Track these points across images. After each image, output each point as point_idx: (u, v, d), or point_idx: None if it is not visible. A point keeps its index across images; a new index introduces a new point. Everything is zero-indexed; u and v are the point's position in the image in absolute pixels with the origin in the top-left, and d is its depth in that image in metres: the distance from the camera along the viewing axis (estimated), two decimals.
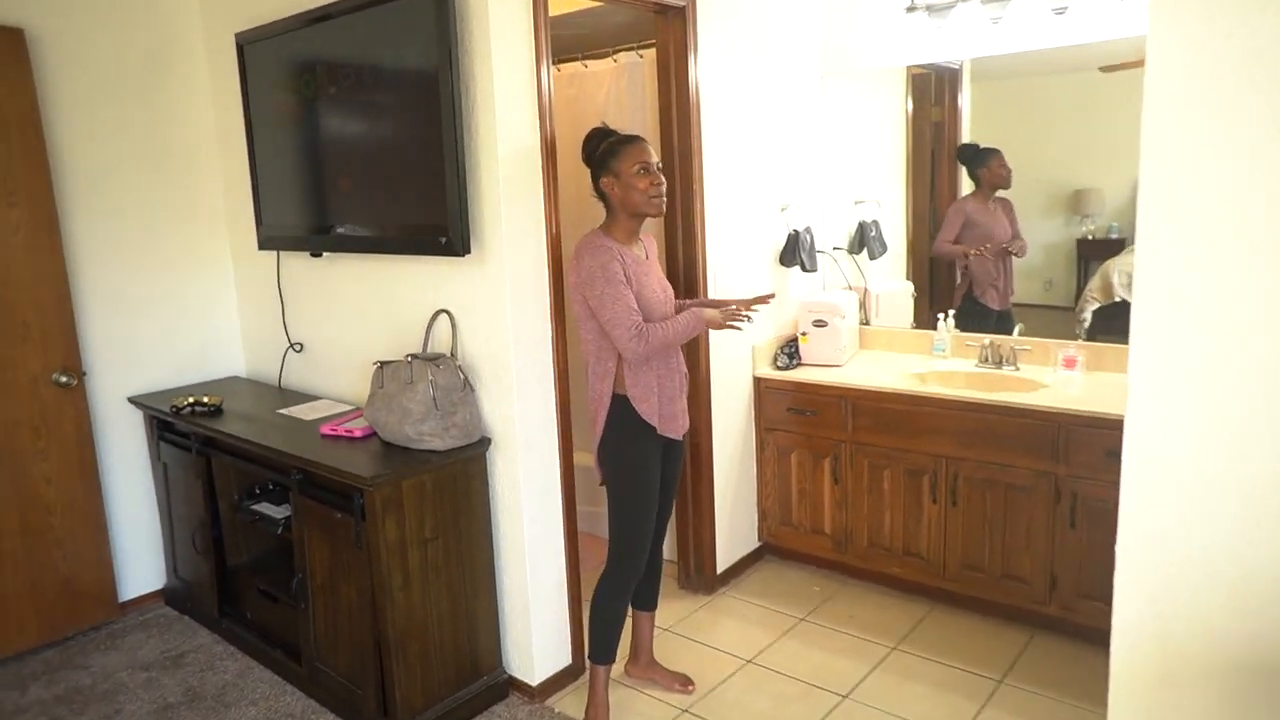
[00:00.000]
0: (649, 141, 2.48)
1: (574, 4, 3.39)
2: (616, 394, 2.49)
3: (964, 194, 3.67)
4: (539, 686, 2.78)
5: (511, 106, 2.49)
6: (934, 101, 3.78)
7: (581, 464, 3.03)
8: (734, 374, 3.46)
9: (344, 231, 2.88)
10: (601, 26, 3.67)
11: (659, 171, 2.45)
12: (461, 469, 2.61)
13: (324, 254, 3.12)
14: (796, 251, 3.61)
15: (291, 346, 3.41)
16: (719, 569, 3.48)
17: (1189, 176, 1.58)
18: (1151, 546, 1.67)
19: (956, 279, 3.75)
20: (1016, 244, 3.53)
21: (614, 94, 3.66)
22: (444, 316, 2.73)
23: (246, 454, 2.87)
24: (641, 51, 3.55)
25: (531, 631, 2.74)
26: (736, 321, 2.54)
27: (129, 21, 3.28)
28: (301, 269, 3.28)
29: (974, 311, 3.63)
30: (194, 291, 3.56)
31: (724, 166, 3.30)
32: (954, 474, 3.09)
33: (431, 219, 2.54)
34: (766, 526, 3.65)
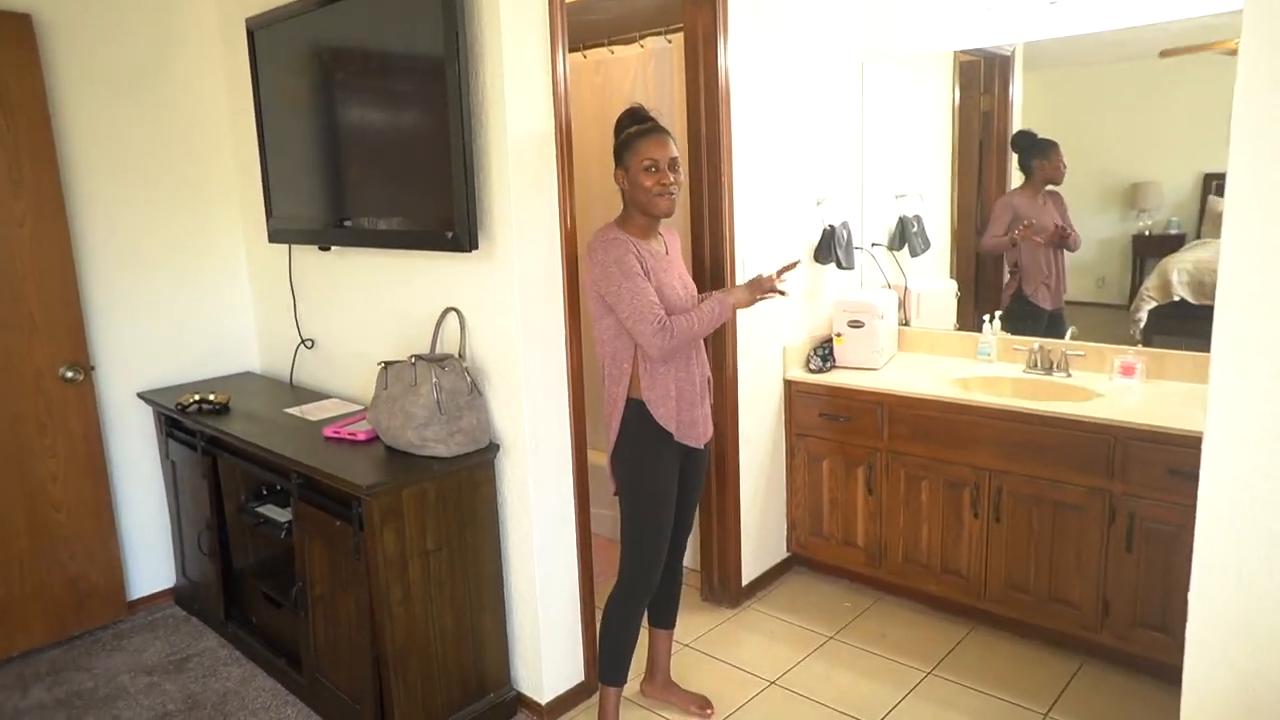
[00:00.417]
0: (670, 134, 2.31)
1: None
2: (632, 398, 2.34)
3: (1011, 188, 3.45)
4: (549, 705, 2.63)
5: (523, 94, 2.34)
6: (983, 90, 3.56)
7: (594, 463, 2.88)
8: (763, 376, 3.28)
9: (350, 225, 2.75)
10: (629, 11, 3.50)
11: (671, 169, 2.28)
12: (467, 476, 2.47)
13: (332, 248, 3.00)
14: (832, 248, 3.41)
15: (303, 343, 3.30)
16: (744, 581, 3.31)
17: None
18: (1230, 592, 1.46)
19: (1005, 276, 3.52)
20: (1071, 236, 3.30)
21: (641, 81, 3.49)
22: (453, 315, 2.59)
23: (249, 455, 2.77)
24: (670, 36, 3.37)
25: (541, 647, 2.60)
26: (769, 296, 2.43)
27: (141, 6, 3.19)
28: (312, 263, 3.17)
29: (1023, 312, 3.41)
30: (207, 284, 3.48)
31: (755, 157, 3.12)
32: (997, 488, 2.87)
33: (437, 213, 2.40)
34: (796, 537, 3.47)
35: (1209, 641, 1.49)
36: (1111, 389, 2.92)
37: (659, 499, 2.37)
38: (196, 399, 3.01)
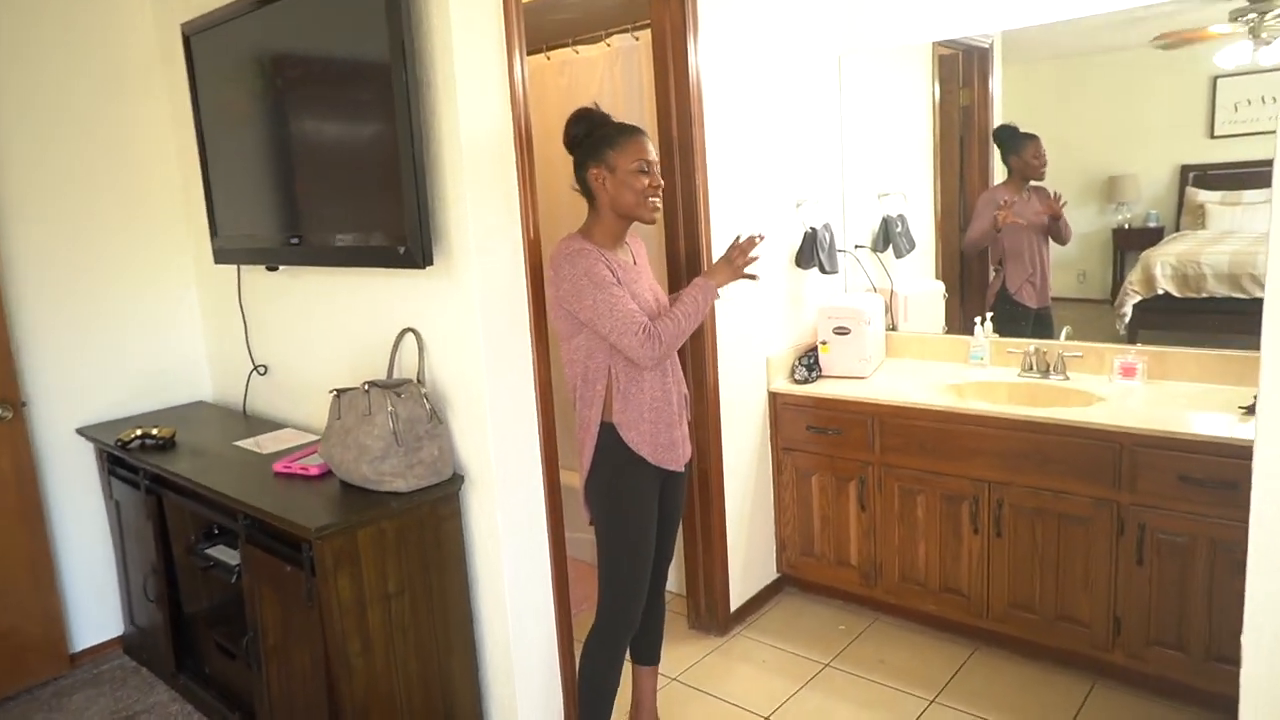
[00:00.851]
0: (649, 136, 2.15)
1: None
2: (605, 422, 2.16)
3: (994, 184, 3.33)
4: None
5: (478, 100, 2.15)
6: (962, 84, 3.43)
7: (568, 484, 2.70)
8: (746, 388, 3.11)
9: (296, 243, 2.55)
10: (594, 8, 3.32)
11: (658, 173, 2.12)
12: (430, 512, 2.27)
13: (281, 268, 2.80)
14: (814, 251, 3.24)
15: (256, 369, 3.09)
16: (733, 606, 3.13)
17: None
18: None
19: (990, 275, 3.38)
20: (1063, 223, 3.16)
21: (609, 81, 3.32)
22: (410, 337, 2.40)
23: (194, 494, 2.55)
24: (637, 34, 3.20)
25: (516, 693, 2.40)
26: (749, 268, 2.26)
27: (72, 13, 2.97)
28: (263, 284, 2.96)
29: (1009, 312, 3.27)
30: (152, 309, 3.25)
31: (730, 159, 2.95)
32: (998, 501, 2.71)
33: (388, 227, 2.21)
34: (786, 557, 3.29)
35: (1267, 643, 1.34)
36: (1113, 391, 2.77)
37: (639, 529, 2.19)
38: (139, 434, 2.79)
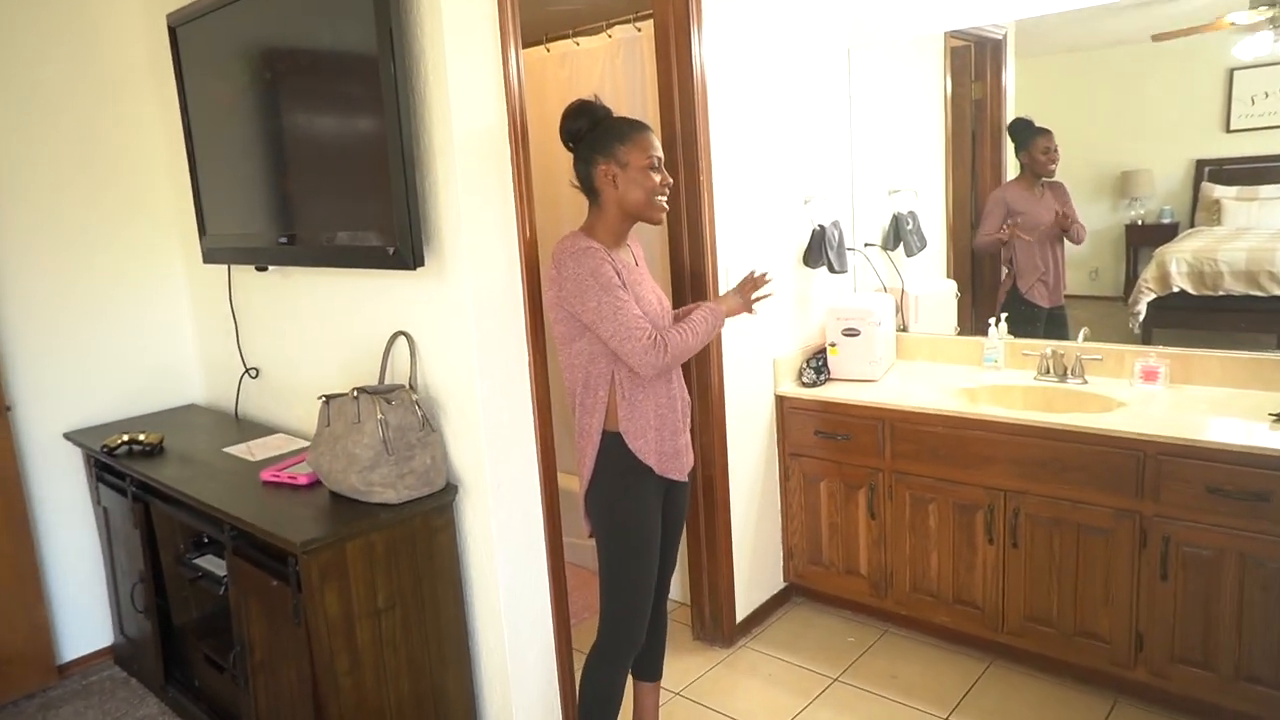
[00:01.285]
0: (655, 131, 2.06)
1: None
2: (608, 430, 2.06)
3: (1006, 180, 3.23)
4: None
5: (471, 94, 2.06)
6: (975, 77, 3.32)
7: (567, 489, 2.61)
8: (753, 392, 3.01)
9: (285, 242, 2.46)
10: None
11: (666, 170, 2.05)
12: (422, 524, 2.18)
13: (270, 268, 2.71)
14: (822, 250, 3.14)
15: (247, 372, 3.00)
16: (739, 617, 3.03)
17: None
18: None
19: (1001, 274, 3.27)
20: (1074, 227, 3.06)
21: (610, 74, 3.22)
22: (403, 340, 2.31)
23: (181, 503, 2.47)
24: (639, 24, 3.10)
25: (514, 710, 2.31)
26: (759, 296, 2.25)
27: (60, 11, 2.88)
28: (253, 285, 2.88)
29: (1020, 312, 3.16)
30: (143, 311, 3.17)
31: (735, 154, 2.84)
32: (1014, 510, 2.61)
33: (378, 226, 2.11)
34: (793, 566, 3.19)
35: None
36: (1134, 396, 2.66)
37: (642, 542, 2.09)
38: (125, 439, 2.71)
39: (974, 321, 3.31)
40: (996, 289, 3.32)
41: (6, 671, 2.80)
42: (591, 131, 2.04)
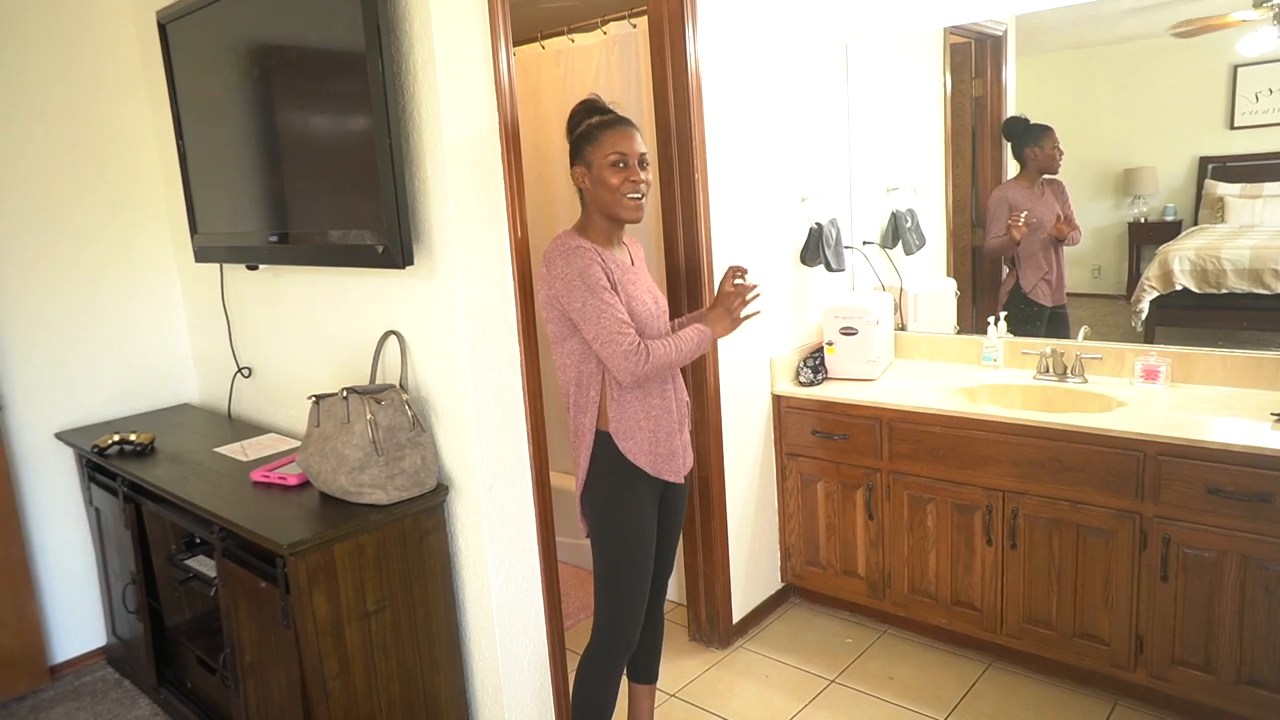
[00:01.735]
0: (637, 128, 2.01)
1: None
2: (600, 430, 2.04)
3: (1007, 178, 3.19)
4: None
5: (461, 90, 2.03)
6: (975, 74, 3.29)
7: (561, 488, 2.59)
8: (749, 391, 2.98)
9: (275, 240, 2.43)
10: None
11: (641, 166, 1.99)
12: (412, 525, 2.15)
13: (261, 267, 2.69)
14: (820, 248, 3.11)
15: (240, 371, 2.98)
16: (735, 617, 3.01)
17: None
18: None
19: (1002, 273, 3.24)
20: (1070, 231, 3.04)
21: (605, 71, 3.19)
22: (394, 340, 2.28)
23: (171, 504, 2.45)
24: (634, 20, 3.07)
25: (506, 712, 2.28)
26: (749, 310, 2.17)
27: (51, 8, 2.86)
28: (245, 283, 2.85)
29: (1023, 311, 3.13)
30: (136, 310, 3.14)
31: (731, 152, 2.82)
32: (1012, 511, 2.58)
33: (367, 224, 2.09)
34: (790, 566, 3.16)
35: None
36: (1135, 396, 2.63)
37: (637, 544, 2.07)
38: (116, 439, 2.69)
39: (973, 320, 3.29)
40: (996, 288, 3.29)
41: None
42: (575, 133, 2.03)
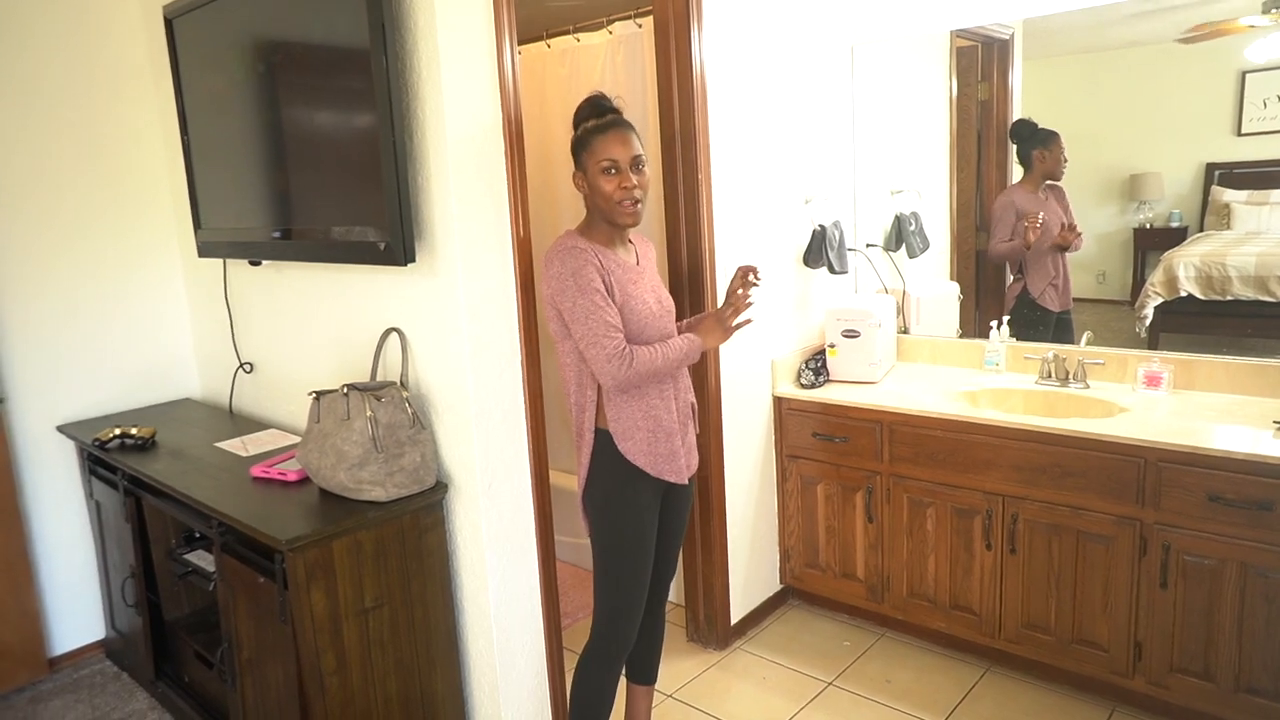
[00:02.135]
0: (631, 129, 2.00)
1: None
2: (600, 429, 2.04)
3: (1012, 183, 3.19)
4: None
5: (465, 89, 2.03)
6: (981, 78, 3.28)
7: (562, 487, 2.60)
8: (750, 392, 2.98)
9: (279, 236, 2.44)
10: None
11: (634, 169, 1.97)
12: (411, 522, 2.16)
13: (264, 262, 2.69)
14: (823, 250, 3.11)
15: (241, 366, 2.98)
16: (734, 618, 3.00)
17: None
18: None
19: (1008, 278, 3.24)
20: (1074, 238, 3.04)
21: (610, 70, 3.19)
22: (395, 337, 2.29)
23: (171, 498, 2.45)
24: (640, 20, 3.07)
25: (503, 711, 2.29)
26: (743, 315, 2.11)
27: (56, 3, 2.87)
28: (248, 279, 2.86)
29: (1030, 316, 3.13)
30: (138, 305, 3.15)
31: (735, 152, 2.82)
32: (1012, 516, 2.58)
33: (370, 221, 2.09)
34: (789, 568, 3.16)
35: None
36: (1137, 402, 2.63)
37: (635, 544, 2.07)
38: (117, 433, 2.70)
39: (976, 324, 3.28)
40: (999, 292, 3.28)
41: None
42: (574, 137, 2.03)
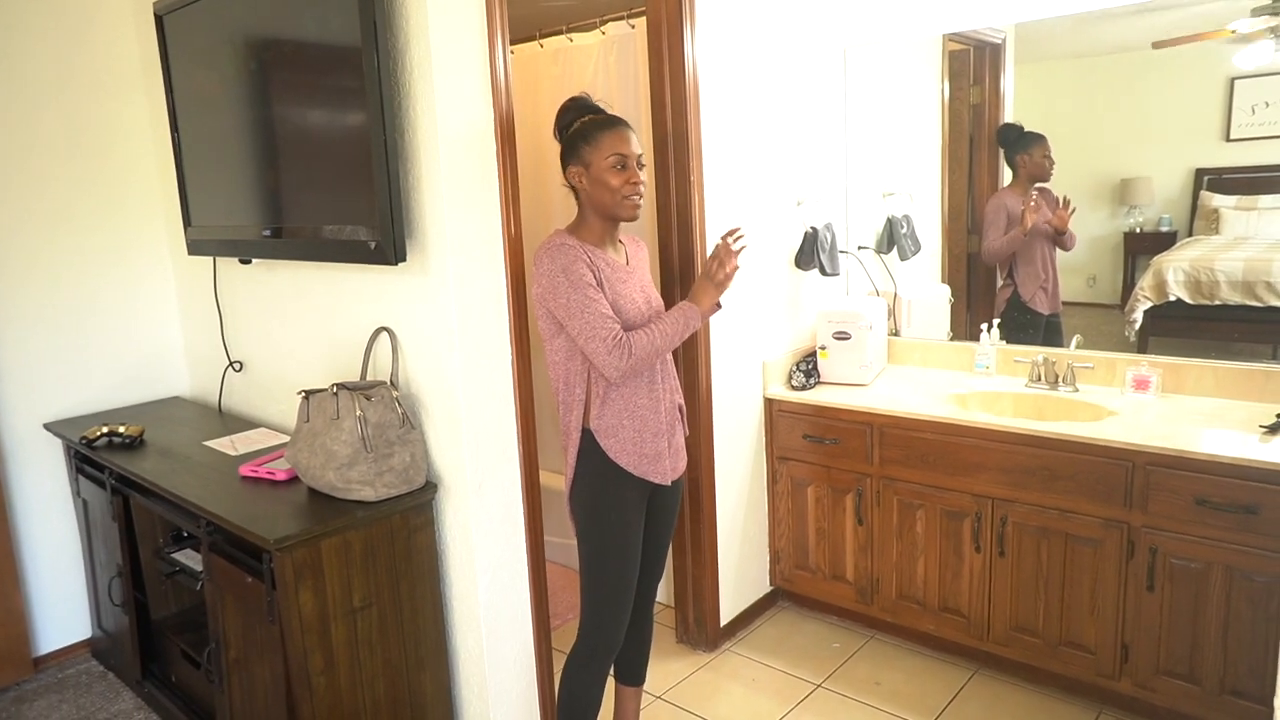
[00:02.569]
0: (632, 128, 2.01)
1: None
2: (587, 428, 2.03)
3: (1003, 186, 3.21)
4: None
5: (457, 88, 2.03)
6: (973, 81, 3.29)
7: (551, 487, 2.59)
8: (741, 394, 2.98)
9: (269, 235, 2.43)
10: None
11: (639, 167, 1.99)
12: (400, 522, 2.15)
13: (254, 261, 2.68)
14: (814, 252, 3.11)
15: (231, 365, 2.97)
16: (723, 620, 3.00)
17: None
18: None
19: (998, 281, 3.25)
20: (1068, 234, 3.05)
21: (603, 71, 3.19)
22: (385, 336, 2.28)
23: (159, 497, 2.44)
24: (633, 21, 3.07)
25: (491, 711, 2.28)
26: (728, 270, 2.10)
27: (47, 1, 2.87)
28: (238, 277, 2.85)
29: (1020, 319, 3.14)
30: (128, 302, 3.13)
31: (727, 154, 2.82)
32: (1001, 518, 2.58)
33: (360, 220, 2.09)
34: (779, 570, 3.16)
35: None
36: (1125, 406, 2.64)
37: (622, 545, 2.06)
38: (105, 431, 2.68)
39: (967, 327, 3.29)
40: (990, 295, 3.29)
41: None
42: (569, 131, 2.02)
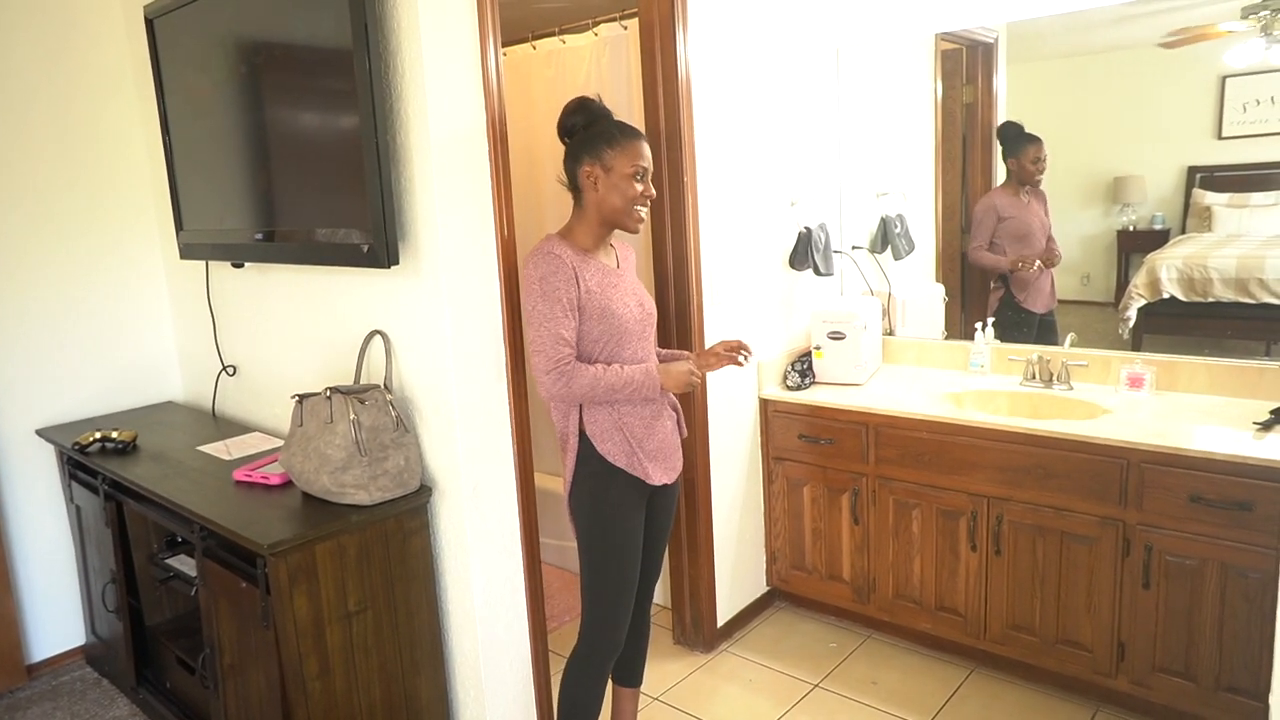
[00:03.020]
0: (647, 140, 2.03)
1: None
2: (584, 432, 2.03)
3: (996, 185, 3.21)
4: None
5: (448, 90, 2.02)
6: (965, 81, 3.30)
7: (546, 489, 2.59)
8: (736, 394, 2.98)
9: (261, 238, 2.42)
10: None
11: (650, 182, 2.02)
12: (395, 526, 2.14)
13: (247, 265, 2.67)
14: (808, 252, 3.11)
15: (224, 369, 2.96)
16: (720, 621, 3.00)
17: None
18: None
19: (991, 281, 3.25)
20: (1053, 254, 3.08)
21: (595, 72, 3.19)
22: (379, 339, 2.27)
23: (152, 502, 2.42)
24: (626, 22, 3.06)
25: (488, 715, 2.27)
26: (701, 376, 2.16)
27: (38, 3, 2.84)
28: (231, 281, 2.84)
29: (1013, 318, 3.15)
30: (121, 306, 3.12)
31: (721, 154, 2.82)
32: (997, 517, 2.58)
33: (352, 223, 2.08)
34: (776, 570, 3.16)
35: None
36: (1119, 403, 2.64)
37: (622, 546, 2.06)
38: (98, 437, 2.67)
39: (962, 326, 3.29)
40: (984, 294, 3.30)
41: None
42: (585, 130, 2.01)
